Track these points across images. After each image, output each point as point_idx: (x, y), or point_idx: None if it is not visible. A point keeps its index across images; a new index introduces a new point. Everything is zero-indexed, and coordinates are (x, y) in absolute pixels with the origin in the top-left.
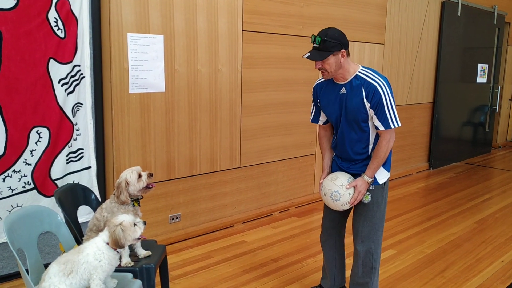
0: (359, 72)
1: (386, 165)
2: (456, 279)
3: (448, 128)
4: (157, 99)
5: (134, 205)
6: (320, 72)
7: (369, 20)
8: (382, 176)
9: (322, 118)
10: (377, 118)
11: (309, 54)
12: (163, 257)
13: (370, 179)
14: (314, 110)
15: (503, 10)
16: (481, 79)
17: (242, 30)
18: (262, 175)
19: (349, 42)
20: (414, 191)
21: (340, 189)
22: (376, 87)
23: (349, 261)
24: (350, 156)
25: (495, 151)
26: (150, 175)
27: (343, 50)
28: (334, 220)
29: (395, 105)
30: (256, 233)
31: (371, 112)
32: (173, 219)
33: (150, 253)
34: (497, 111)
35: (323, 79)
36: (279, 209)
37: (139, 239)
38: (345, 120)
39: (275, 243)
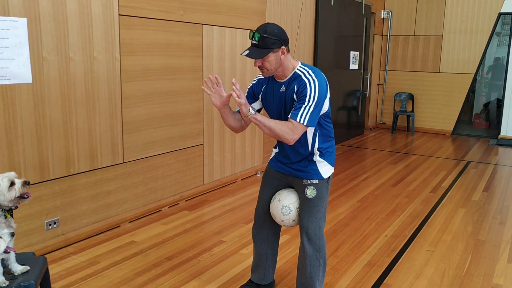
0: (298, 69)
1: (330, 159)
2: (347, 258)
3: None
4: (23, 92)
5: (6, 217)
6: (260, 70)
7: (250, 7)
8: (326, 170)
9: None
10: (294, 106)
11: (248, 51)
12: (44, 270)
13: (250, 115)
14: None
15: (369, 1)
16: (354, 65)
17: (119, 15)
18: (148, 170)
19: (232, 28)
20: None
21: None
22: (306, 83)
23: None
24: (289, 157)
25: (368, 133)
26: (25, 183)
27: (283, 47)
28: (266, 212)
29: (315, 107)
30: (145, 232)
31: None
32: (50, 224)
33: (28, 267)
34: (367, 95)
35: None
36: (168, 204)
37: (7, 252)
38: (285, 118)
39: (167, 240)
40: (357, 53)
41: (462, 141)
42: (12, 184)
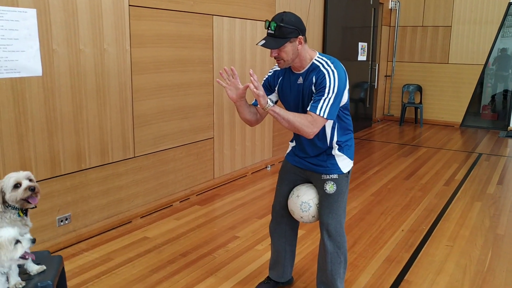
0: (316, 59)
1: (349, 153)
2: (365, 253)
3: None
4: (33, 85)
5: (19, 215)
6: (276, 61)
7: None
8: (346, 164)
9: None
10: (312, 98)
11: (264, 41)
12: (60, 270)
13: (269, 107)
14: None
15: None
16: (362, 57)
17: (129, 5)
18: (159, 164)
19: (242, 19)
20: None
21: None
22: (325, 74)
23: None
24: (307, 151)
25: (376, 125)
26: (29, 188)
27: (300, 36)
28: (284, 208)
29: (335, 99)
30: (158, 227)
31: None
32: (61, 221)
33: (45, 267)
34: (375, 87)
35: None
36: (179, 199)
37: (25, 258)
38: (302, 111)
39: (180, 236)
40: (365, 44)
41: (471, 133)
42: (17, 185)
